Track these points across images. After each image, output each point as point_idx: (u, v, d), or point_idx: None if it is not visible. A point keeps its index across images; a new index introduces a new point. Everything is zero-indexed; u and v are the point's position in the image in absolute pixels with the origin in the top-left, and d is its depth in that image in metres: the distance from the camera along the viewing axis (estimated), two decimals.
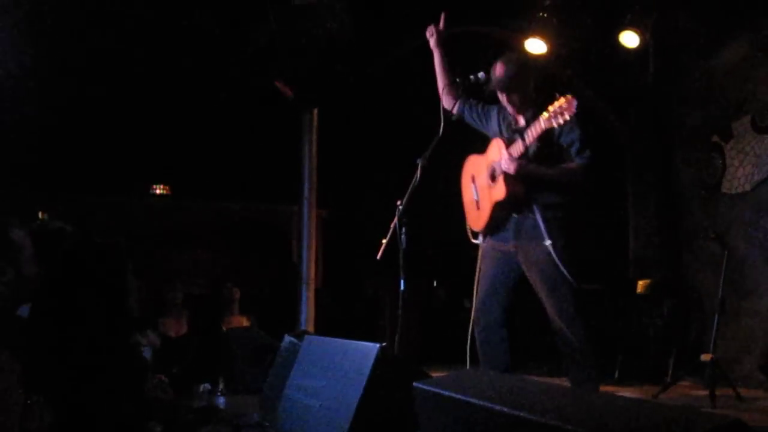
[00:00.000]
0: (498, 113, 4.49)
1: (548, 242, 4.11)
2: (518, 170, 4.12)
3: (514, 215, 4.27)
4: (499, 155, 4.22)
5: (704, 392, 5.19)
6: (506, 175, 4.17)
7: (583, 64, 7.46)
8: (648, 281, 7.16)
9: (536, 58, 6.53)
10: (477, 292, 4.41)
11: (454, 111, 4.55)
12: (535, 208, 4.19)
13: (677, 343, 6.51)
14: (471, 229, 4.58)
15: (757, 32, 6.49)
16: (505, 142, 4.24)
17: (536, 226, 4.17)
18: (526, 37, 6.67)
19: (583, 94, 7.98)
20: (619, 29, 6.71)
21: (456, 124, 4.45)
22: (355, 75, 7.33)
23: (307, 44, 6.59)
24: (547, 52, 6.68)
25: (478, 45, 4.53)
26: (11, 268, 2.88)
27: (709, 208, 6.98)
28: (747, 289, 6.41)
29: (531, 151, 4.18)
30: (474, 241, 4.55)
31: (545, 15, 6.66)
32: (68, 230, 3.64)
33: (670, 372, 6.26)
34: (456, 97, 4.57)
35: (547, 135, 4.16)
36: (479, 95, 4.53)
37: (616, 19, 6.77)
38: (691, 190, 7.28)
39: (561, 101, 3.88)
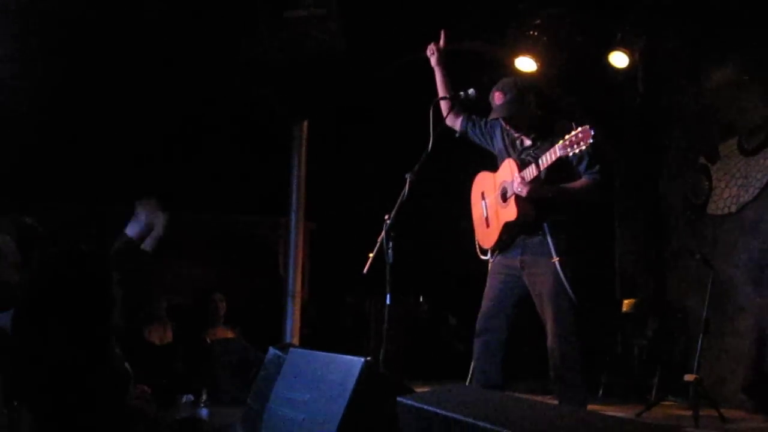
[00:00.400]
0: (501, 130, 4.50)
1: (556, 259, 4.12)
2: (530, 194, 4.12)
3: (523, 234, 4.29)
4: (511, 176, 4.22)
5: (688, 412, 5.20)
6: (518, 197, 4.18)
7: (572, 83, 7.50)
8: (633, 300, 7.19)
9: (527, 76, 6.57)
10: (482, 306, 4.40)
11: (458, 128, 4.55)
12: (544, 225, 4.20)
13: (662, 363, 6.53)
14: (480, 246, 4.58)
15: (745, 56, 6.55)
16: (517, 164, 4.23)
17: (544, 242, 4.18)
18: (516, 55, 6.71)
19: (571, 113, 8.03)
20: (608, 49, 6.76)
21: (447, 139, 4.46)
22: (345, 87, 7.34)
23: (298, 56, 6.59)
24: (537, 71, 6.72)
25: (468, 62, 4.53)
26: None
27: (695, 229, 7.02)
28: (732, 309, 6.44)
29: (543, 173, 4.19)
30: (482, 257, 4.55)
31: (535, 33, 6.70)
32: (40, 229, 3.59)
33: (654, 391, 6.27)
34: (458, 114, 4.57)
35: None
36: (474, 110, 4.54)
37: (605, 39, 6.82)
38: (677, 211, 7.32)
39: (577, 131, 3.90)
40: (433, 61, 4.64)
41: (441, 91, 4.63)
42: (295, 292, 7.06)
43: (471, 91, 4.32)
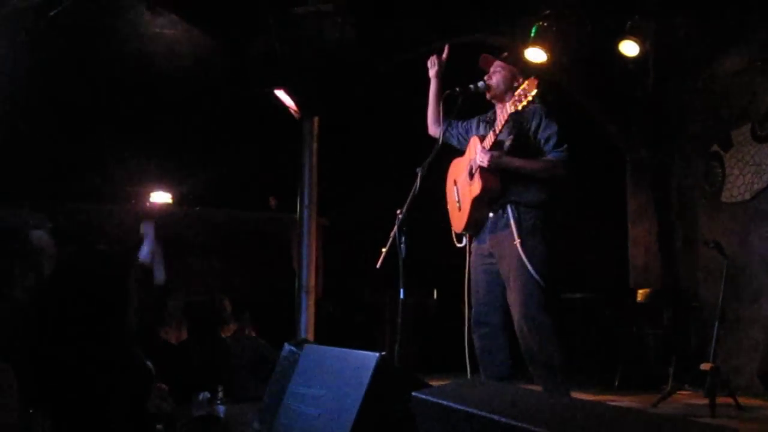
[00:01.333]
0: (478, 120, 4.51)
1: (518, 241, 4.10)
2: (491, 161, 4.11)
3: (491, 214, 4.27)
4: (476, 152, 4.22)
5: (704, 401, 5.18)
6: (481, 168, 4.16)
7: (583, 73, 7.47)
8: (648, 290, 7.17)
9: (537, 67, 6.55)
10: (471, 302, 4.38)
11: (438, 137, 4.48)
12: (508, 207, 4.18)
13: (677, 352, 6.51)
14: (454, 232, 4.57)
15: (757, 41, 6.51)
16: (480, 138, 4.26)
17: (508, 225, 4.16)
18: (526, 46, 6.69)
19: (582, 102, 8.00)
20: (618, 38, 6.73)
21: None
22: (356, 83, 7.34)
23: (308, 52, 6.60)
24: (547, 61, 6.70)
25: (476, 56, 4.52)
26: (32, 273, 2.79)
27: (709, 217, 6.99)
28: (747, 297, 6.41)
29: (507, 145, 4.18)
30: (458, 245, 4.54)
31: (544, 24, 6.67)
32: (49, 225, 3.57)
33: (669, 380, 6.25)
34: (440, 122, 4.51)
35: (521, 129, 4.19)
36: (478, 106, 4.53)
37: (615, 28, 6.79)
38: (691, 199, 7.29)
39: (524, 84, 3.93)
40: (432, 72, 4.60)
41: (432, 102, 4.60)
42: (309, 287, 7.06)
43: (481, 83, 4.33)
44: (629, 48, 6.75)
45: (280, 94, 6.72)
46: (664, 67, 7.51)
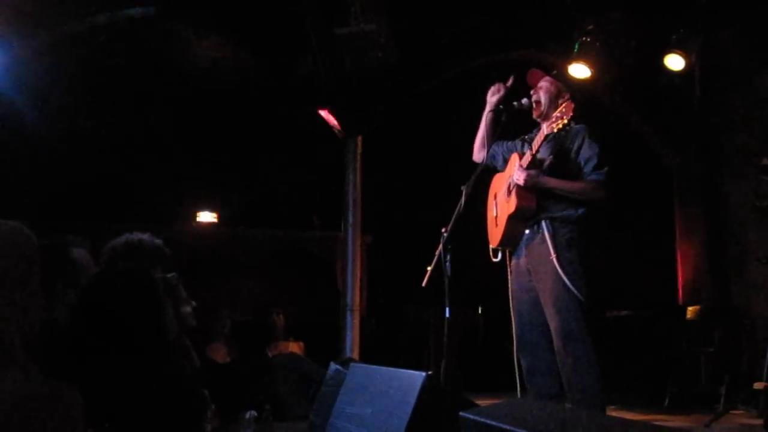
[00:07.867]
0: (522, 139, 4.44)
1: (554, 256, 4.02)
2: (527, 180, 4.05)
3: (526, 231, 4.22)
4: (514, 168, 4.19)
5: (758, 421, 5.08)
6: (518, 187, 4.11)
7: (628, 88, 7.41)
8: (698, 307, 7.05)
9: (581, 83, 6.51)
10: (514, 321, 4.32)
11: (485, 162, 4.39)
12: (543, 223, 4.12)
13: (729, 371, 6.37)
14: (491, 247, 4.52)
15: None
16: (519, 155, 4.22)
17: (543, 241, 4.08)
18: (570, 62, 6.65)
19: (628, 118, 7.93)
20: (663, 52, 6.66)
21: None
22: (399, 101, 7.38)
23: (351, 72, 6.65)
24: (591, 77, 6.65)
25: (521, 72, 4.48)
26: (72, 290, 2.79)
27: (759, 232, 6.86)
28: None
29: (546, 164, 4.13)
30: (494, 259, 4.47)
31: (588, 39, 6.63)
32: (147, 240, 3.59)
33: (722, 400, 6.12)
34: (487, 146, 4.45)
35: (562, 149, 4.15)
36: (525, 125, 4.49)
37: (660, 42, 6.72)
38: (740, 214, 7.17)
39: (561, 107, 3.91)
40: (494, 99, 4.43)
41: (484, 126, 4.53)
42: (354, 306, 7.08)
43: (525, 101, 4.29)
44: (675, 62, 6.67)
45: (324, 113, 6.78)
46: (711, 80, 7.42)
